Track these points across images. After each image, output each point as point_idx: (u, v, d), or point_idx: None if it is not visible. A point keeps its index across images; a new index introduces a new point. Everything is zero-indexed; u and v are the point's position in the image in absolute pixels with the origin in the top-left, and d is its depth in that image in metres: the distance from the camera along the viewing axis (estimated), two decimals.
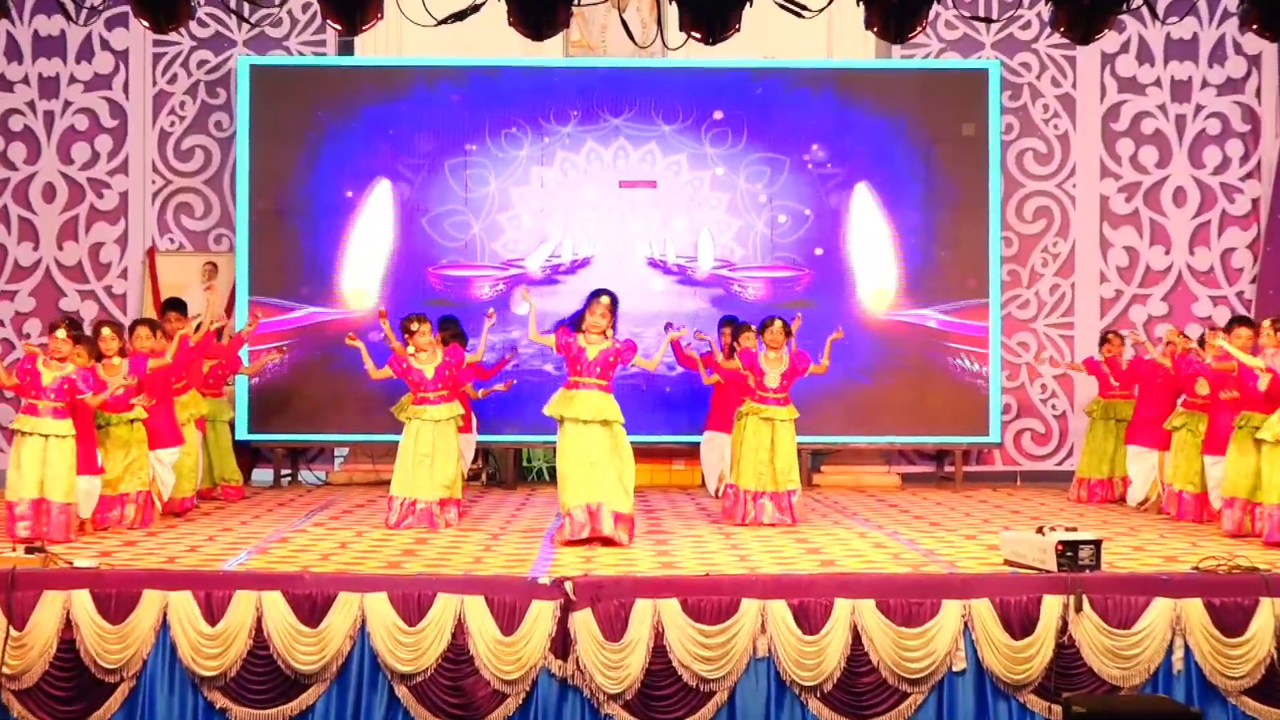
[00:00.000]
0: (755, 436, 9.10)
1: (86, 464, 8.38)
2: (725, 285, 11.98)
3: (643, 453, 10.49)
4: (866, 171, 11.94)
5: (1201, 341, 9.49)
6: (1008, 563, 7.13)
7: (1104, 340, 11.09)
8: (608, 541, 8.00)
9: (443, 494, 8.87)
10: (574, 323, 8.32)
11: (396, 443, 9.10)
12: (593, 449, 8.08)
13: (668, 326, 10.08)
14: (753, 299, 11.87)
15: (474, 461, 11.34)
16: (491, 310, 9.18)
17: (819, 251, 11.93)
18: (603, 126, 11.97)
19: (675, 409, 11.85)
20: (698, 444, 11.14)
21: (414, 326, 9.01)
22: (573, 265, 11.93)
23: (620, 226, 12.00)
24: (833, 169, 11.94)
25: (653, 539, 8.40)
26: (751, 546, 8.02)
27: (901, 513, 9.91)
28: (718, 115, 11.94)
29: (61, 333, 8.27)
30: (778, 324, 9.17)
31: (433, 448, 8.85)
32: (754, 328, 9.56)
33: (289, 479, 12.20)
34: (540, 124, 11.96)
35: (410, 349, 9.01)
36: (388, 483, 9.14)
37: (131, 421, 8.79)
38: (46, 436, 8.12)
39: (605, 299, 8.26)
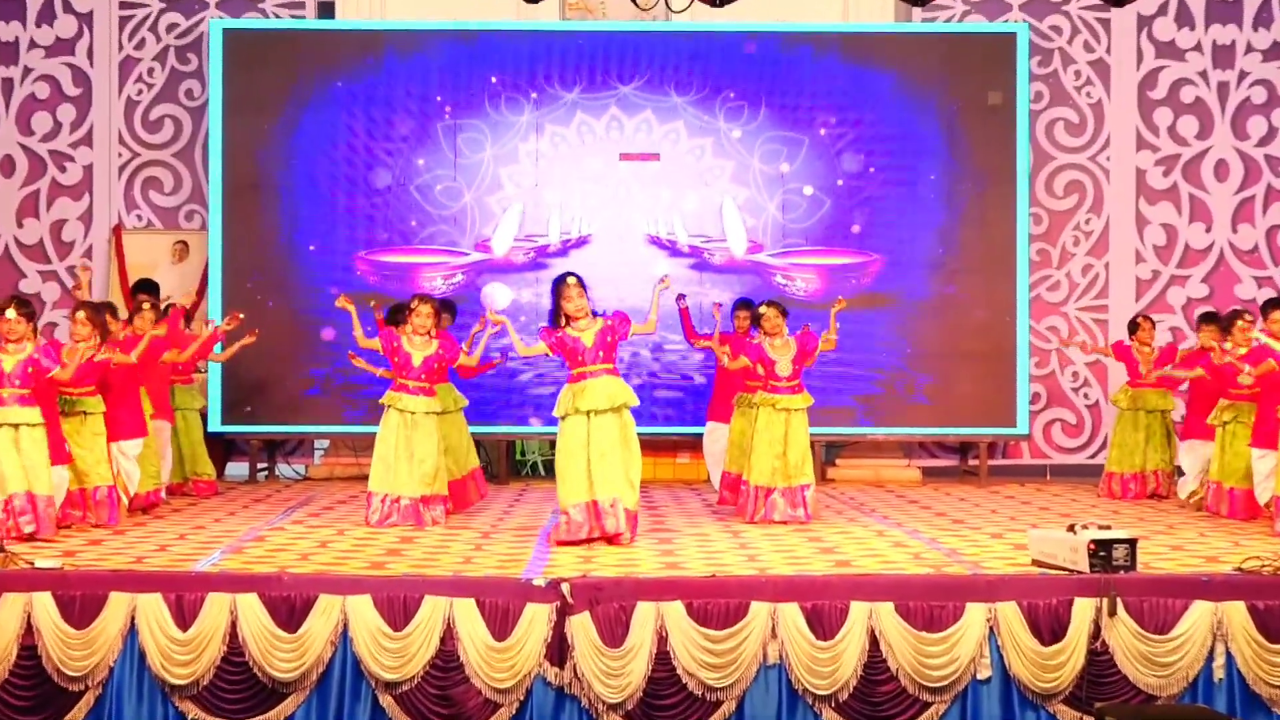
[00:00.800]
0: (768, 429, 9.12)
1: (55, 452, 8.38)
2: (763, 275, 11.82)
3: (645, 445, 10.41)
4: (885, 144, 11.92)
5: (1229, 322, 9.53)
6: (1036, 563, 7.13)
7: (1135, 326, 11.07)
8: (612, 539, 8.00)
9: (425, 490, 8.86)
10: (553, 318, 8.28)
11: (375, 433, 9.08)
12: (601, 439, 8.07)
13: (680, 298, 10.26)
14: (804, 294, 11.74)
15: None
16: (499, 316, 9.01)
17: (856, 229, 11.86)
18: (603, 96, 11.89)
19: (679, 399, 11.86)
20: (702, 436, 11.12)
21: (414, 304, 8.98)
22: (564, 247, 11.88)
23: (620, 203, 11.94)
24: (849, 142, 11.91)
25: (656, 537, 8.40)
26: (761, 545, 8.03)
27: (922, 509, 9.91)
28: (750, 48, 11.83)
29: (12, 313, 8.25)
30: (766, 309, 9.25)
31: (409, 441, 8.83)
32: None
33: (265, 473, 12.20)
34: (533, 93, 11.87)
35: (407, 329, 8.98)
36: None
37: (85, 414, 8.76)
38: (16, 426, 8.12)
39: (572, 279, 8.27)
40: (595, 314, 8.28)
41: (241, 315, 10.58)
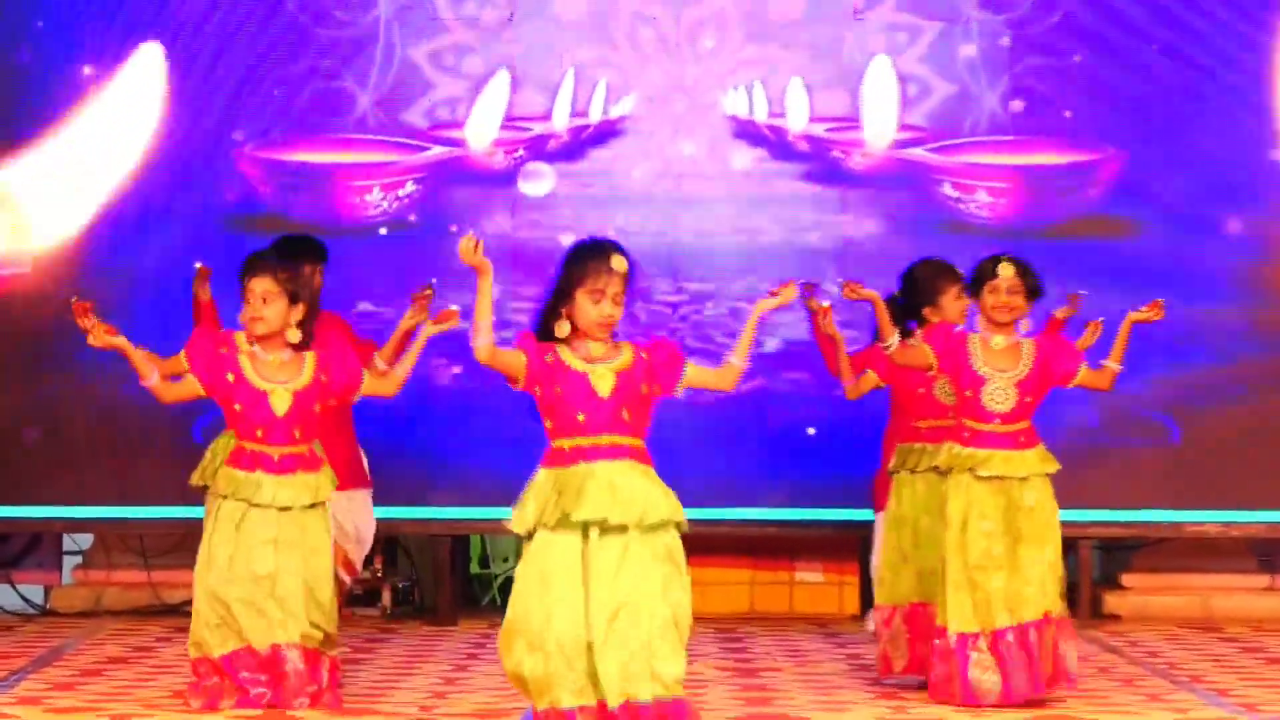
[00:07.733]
0: (972, 514, 9.09)
1: None
2: (920, 185, 12.19)
3: (724, 545, 10.44)
4: None
5: None
6: None
7: None
8: None
9: (300, 634, 8.86)
10: (542, 319, 7.97)
11: (191, 521, 9.16)
12: (616, 581, 7.83)
13: (812, 289, 10.16)
14: (988, 215, 12.09)
15: (370, 562, 11.45)
16: (433, 281, 9.30)
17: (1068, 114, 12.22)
18: None
19: (798, 452, 12.00)
20: (852, 526, 11.30)
21: (252, 282, 8.99)
22: (578, 139, 12.17)
23: (680, 59, 12.22)
24: None
25: None
26: None
27: None
28: None
29: None
30: (1004, 268, 9.14)
31: (275, 563, 8.89)
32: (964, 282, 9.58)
33: None
34: None
35: (244, 340, 9.02)
36: (178, 607, 9.10)
37: None
38: None
39: (619, 262, 8.02)
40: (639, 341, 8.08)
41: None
